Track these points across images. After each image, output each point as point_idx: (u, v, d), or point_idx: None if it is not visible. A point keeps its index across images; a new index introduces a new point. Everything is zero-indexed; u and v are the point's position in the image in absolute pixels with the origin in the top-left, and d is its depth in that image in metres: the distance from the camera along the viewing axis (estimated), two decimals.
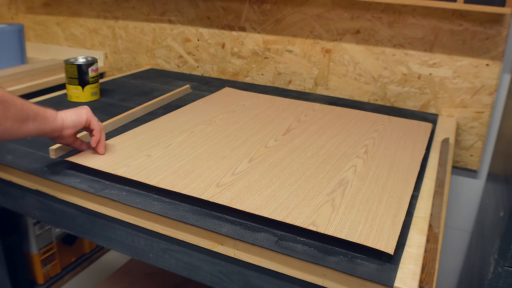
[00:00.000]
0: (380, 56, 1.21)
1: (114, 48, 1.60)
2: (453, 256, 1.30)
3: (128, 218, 0.70)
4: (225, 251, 0.63)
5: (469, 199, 1.23)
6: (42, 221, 0.83)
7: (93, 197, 0.72)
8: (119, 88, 1.28)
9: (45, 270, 1.48)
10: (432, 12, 1.11)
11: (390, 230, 0.61)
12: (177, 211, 0.66)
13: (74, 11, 1.62)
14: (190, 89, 1.28)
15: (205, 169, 0.76)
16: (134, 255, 0.72)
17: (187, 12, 1.43)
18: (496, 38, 1.07)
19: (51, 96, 1.19)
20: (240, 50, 1.39)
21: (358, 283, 0.55)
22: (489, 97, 1.11)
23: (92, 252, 1.68)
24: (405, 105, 1.22)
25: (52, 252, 1.48)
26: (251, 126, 0.97)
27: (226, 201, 0.66)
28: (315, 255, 0.57)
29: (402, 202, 0.68)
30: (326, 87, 1.30)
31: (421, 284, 0.54)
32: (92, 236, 0.76)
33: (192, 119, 1.01)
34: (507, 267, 0.78)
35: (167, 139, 0.88)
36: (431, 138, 0.99)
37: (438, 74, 1.15)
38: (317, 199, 0.67)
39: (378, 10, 1.17)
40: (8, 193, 0.84)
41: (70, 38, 1.68)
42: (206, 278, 0.66)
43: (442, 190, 0.76)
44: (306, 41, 1.29)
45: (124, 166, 0.76)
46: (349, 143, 0.90)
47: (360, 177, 0.75)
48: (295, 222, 0.61)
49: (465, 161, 1.19)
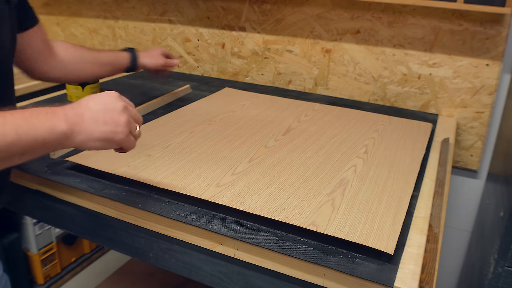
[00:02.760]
0: (380, 56, 1.21)
1: (114, 48, 1.60)
2: (453, 256, 1.30)
3: (128, 218, 0.70)
4: (225, 251, 0.63)
5: (469, 199, 1.23)
6: (42, 221, 0.83)
7: (93, 197, 0.72)
8: (119, 88, 1.28)
9: (45, 270, 1.47)
10: (432, 12, 1.11)
11: (390, 230, 0.61)
12: (177, 211, 0.66)
13: (74, 11, 1.62)
14: (190, 89, 1.28)
15: (205, 169, 0.76)
16: (134, 255, 0.72)
17: (187, 12, 1.43)
18: (496, 38, 1.07)
19: (51, 96, 1.20)
20: (240, 50, 1.39)
21: (358, 283, 0.55)
22: (489, 97, 1.11)
23: (92, 252, 1.68)
24: (405, 105, 1.22)
25: (52, 252, 1.48)
26: (251, 126, 0.97)
27: (226, 201, 0.66)
28: (315, 255, 0.57)
29: (402, 202, 0.68)
30: (326, 87, 1.30)
31: (421, 284, 0.54)
32: (92, 236, 0.76)
33: (192, 119, 1.01)
34: (507, 267, 0.78)
35: (167, 139, 0.88)
36: (431, 138, 0.99)
37: (438, 74, 1.15)
38: (317, 199, 0.67)
39: (378, 10, 1.17)
40: (8, 193, 0.84)
41: (70, 38, 1.68)
42: (206, 278, 0.66)
43: (442, 190, 0.76)
44: (306, 41, 1.29)
45: (124, 166, 0.76)
46: (349, 143, 0.90)
47: (360, 177, 0.75)
48: (295, 222, 0.61)
49: (465, 161, 1.19)
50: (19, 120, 0.48)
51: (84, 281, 1.60)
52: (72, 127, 0.52)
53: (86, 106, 0.55)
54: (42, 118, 0.50)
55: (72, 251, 1.59)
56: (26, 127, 0.48)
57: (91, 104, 0.55)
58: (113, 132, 0.56)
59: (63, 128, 0.51)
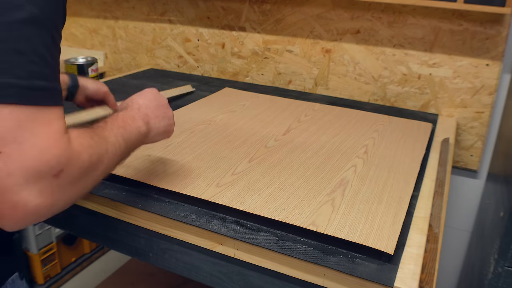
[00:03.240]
0: (380, 56, 1.21)
1: (114, 48, 1.60)
2: (453, 256, 1.30)
3: (128, 218, 0.70)
4: (225, 251, 0.63)
5: (469, 199, 1.23)
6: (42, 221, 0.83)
7: (93, 197, 0.72)
8: (119, 88, 1.28)
9: (45, 270, 1.47)
10: (432, 12, 1.11)
11: (390, 230, 0.61)
12: (177, 211, 0.66)
13: (74, 11, 1.62)
14: (192, 88, 1.27)
15: (205, 169, 0.76)
16: (134, 255, 0.72)
17: (187, 12, 1.43)
18: (496, 38, 1.07)
19: None
20: (240, 50, 1.39)
21: (358, 283, 0.55)
22: (489, 97, 1.11)
23: (92, 252, 1.68)
24: (405, 105, 1.22)
25: (52, 252, 1.48)
26: (251, 126, 0.97)
27: (226, 201, 0.66)
28: (315, 255, 0.57)
29: (402, 202, 0.68)
30: (326, 87, 1.30)
31: (421, 284, 0.54)
32: (92, 236, 0.76)
33: (192, 119, 1.01)
34: (507, 267, 0.78)
35: (167, 139, 0.88)
36: (431, 138, 0.99)
37: (438, 74, 1.15)
38: (317, 199, 0.67)
39: (378, 10, 1.17)
40: None
41: (70, 38, 1.68)
42: (206, 278, 0.66)
43: (442, 190, 0.76)
44: (306, 41, 1.29)
45: (124, 166, 0.76)
46: (349, 143, 0.90)
47: (360, 177, 0.75)
48: (295, 222, 0.61)
49: (465, 161, 1.19)
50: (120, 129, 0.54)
51: (84, 281, 1.60)
52: (148, 126, 0.60)
53: (144, 105, 0.62)
54: (131, 123, 0.57)
55: (72, 251, 1.59)
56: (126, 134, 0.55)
57: (146, 102, 0.63)
58: (169, 125, 0.66)
59: (144, 129, 0.60)
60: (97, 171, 0.47)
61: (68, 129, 0.44)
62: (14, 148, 0.38)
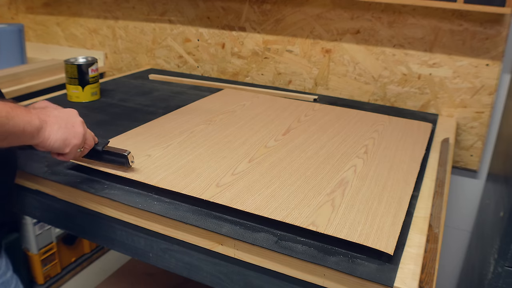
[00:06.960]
0: (380, 56, 1.21)
1: (114, 48, 1.60)
2: (453, 256, 1.30)
3: (128, 218, 0.70)
4: (225, 251, 0.63)
5: (469, 199, 1.23)
6: (42, 221, 0.83)
7: (93, 197, 0.72)
8: (119, 88, 1.28)
9: (45, 270, 1.48)
10: (432, 12, 1.11)
11: (390, 230, 0.61)
12: (177, 211, 0.66)
13: (74, 11, 1.62)
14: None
15: (205, 169, 0.76)
16: (134, 255, 0.72)
17: (187, 12, 1.43)
18: (496, 38, 1.07)
19: (51, 96, 1.20)
20: (240, 50, 1.39)
21: (358, 283, 0.55)
22: (489, 97, 1.11)
23: (92, 252, 1.68)
24: (405, 105, 1.22)
25: (52, 252, 1.49)
26: (251, 126, 0.97)
27: (226, 201, 0.66)
28: (315, 255, 0.57)
29: (402, 202, 0.68)
30: (326, 87, 1.30)
31: (421, 284, 0.54)
32: (92, 236, 0.76)
33: (192, 119, 1.01)
34: (507, 267, 0.78)
35: (167, 139, 0.88)
36: (431, 138, 0.99)
37: (438, 74, 1.15)
38: (317, 199, 0.67)
39: (378, 10, 1.17)
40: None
41: (70, 38, 1.68)
42: (206, 278, 0.66)
43: (442, 190, 0.76)
44: (306, 41, 1.29)
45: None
46: (349, 143, 0.90)
47: (360, 177, 0.75)
48: (295, 222, 0.61)
49: (465, 161, 1.19)
50: (7, 107, 0.56)
51: (84, 281, 1.60)
52: (43, 124, 0.62)
53: (52, 113, 0.65)
54: (22, 111, 0.59)
55: (72, 251, 1.59)
56: (13, 114, 0.56)
57: (56, 113, 0.65)
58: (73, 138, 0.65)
59: (37, 123, 0.60)
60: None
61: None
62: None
